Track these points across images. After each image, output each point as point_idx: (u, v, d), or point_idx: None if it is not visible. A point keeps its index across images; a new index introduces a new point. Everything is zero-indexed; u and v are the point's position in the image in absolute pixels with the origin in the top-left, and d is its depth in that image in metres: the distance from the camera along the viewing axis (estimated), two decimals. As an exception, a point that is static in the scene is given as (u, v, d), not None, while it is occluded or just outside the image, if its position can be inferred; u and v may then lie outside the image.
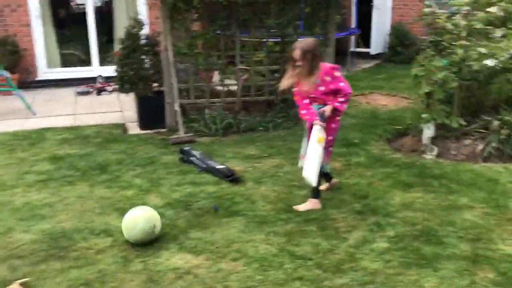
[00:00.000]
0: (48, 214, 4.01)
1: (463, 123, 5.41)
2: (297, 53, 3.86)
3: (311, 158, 4.01)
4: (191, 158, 5.25)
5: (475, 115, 5.74)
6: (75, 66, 10.06)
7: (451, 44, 5.63)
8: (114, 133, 6.45)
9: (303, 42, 4.01)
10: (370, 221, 3.83)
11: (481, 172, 4.79)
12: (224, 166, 4.94)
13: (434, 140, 5.49)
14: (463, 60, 5.48)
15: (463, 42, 5.37)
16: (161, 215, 3.97)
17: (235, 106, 6.79)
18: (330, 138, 4.07)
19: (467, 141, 5.44)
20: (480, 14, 5.40)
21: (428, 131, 5.40)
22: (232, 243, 3.53)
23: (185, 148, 5.44)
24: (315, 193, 4.12)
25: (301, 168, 4.14)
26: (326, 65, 4.02)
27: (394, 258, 3.28)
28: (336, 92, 3.96)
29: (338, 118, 4.08)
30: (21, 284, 3.02)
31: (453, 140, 5.54)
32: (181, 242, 3.54)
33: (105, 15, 10.51)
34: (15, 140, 6.05)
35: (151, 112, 6.64)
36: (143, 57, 6.59)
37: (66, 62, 10.09)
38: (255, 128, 6.55)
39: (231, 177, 4.73)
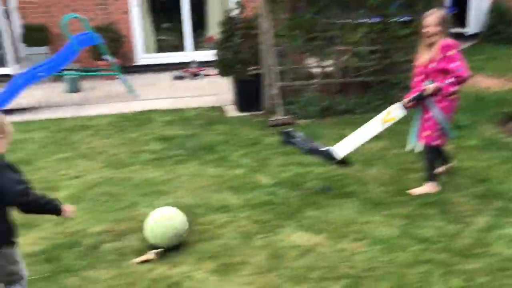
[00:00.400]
0: (167, 190, 4.20)
1: None
2: (428, 20, 3.72)
3: (361, 131, 4.10)
4: (294, 140, 5.23)
5: None
6: (169, 51, 10.41)
7: None
8: (214, 116, 6.61)
9: (436, 11, 3.84)
10: (495, 205, 3.63)
11: None
12: (329, 148, 4.88)
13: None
14: None
15: None
16: (273, 194, 4.03)
17: (333, 88, 6.69)
18: (442, 116, 3.87)
19: None
20: None
21: (550, 113, 5.01)
22: (350, 223, 3.49)
23: (287, 130, 5.43)
24: (432, 176, 3.96)
25: (412, 150, 4.04)
26: (445, 41, 3.81)
27: (529, 246, 3.09)
28: (447, 72, 3.75)
29: (449, 98, 3.83)
30: (156, 253, 3.18)
31: None
32: (298, 221, 3.56)
33: (197, 1, 10.73)
34: (124, 122, 6.39)
35: (248, 95, 6.73)
36: (241, 40, 6.66)
37: (161, 47, 10.47)
38: (353, 110, 6.43)
39: (338, 159, 4.66)
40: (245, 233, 3.42)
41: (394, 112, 3.99)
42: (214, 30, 10.78)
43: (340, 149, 4.13)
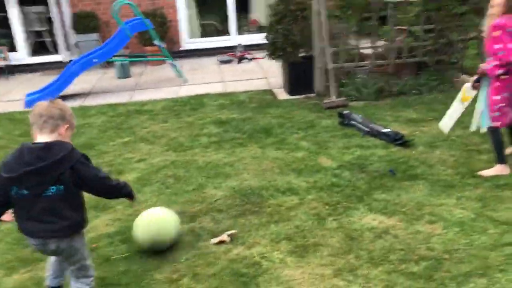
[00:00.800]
0: (231, 172, 4.24)
1: None
2: None
3: (450, 114, 4.18)
4: (352, 122, 5.21)
5: None
6: (213, 35, 10.44)
7: None
8: (266, 99, 6.61)
9: None
10: None
11: None
12: (390, 130, 4.83)
13: None
14: None
15: None
16: (338, 176, 4.02)
17: (388, 69, 6.58)
18: (496, 98, 3.74)
19: None
20: None
21: None
22: (422, 206, 3.45)
23: (344, 112, 5.40)
24: (501, 157, 3.86)
25: (477, 130, 4.01)
26: (495, 21, 3.65)
27: None
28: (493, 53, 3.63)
29: (501, 79, 3.69)
30: (229, 235, 3.23)
31: None
32: (368, 203, 3.54)
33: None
34: (177, 106, 6.47)
35: (299, 78, 6.68)
36: (292, 22, 6.59)
37: (206, 32, 10.51)
38: (407, 91, 6.31)
39: (400, 141, 4.61)
40: (317, 215, 3.43)
41: (468, 92, 3.93)
42: (257, 13, 10.78)
43: (444, 126, 4.41)
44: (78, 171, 2.29)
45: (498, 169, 3.85)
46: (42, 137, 2.31)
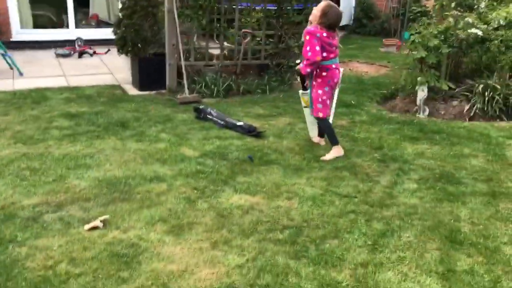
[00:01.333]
0: (92, 163, 4.16)
1: (452, 86, 6.00)
2: (313, 9, 4.31)
3: (308, 122, 4.95)
4: (208, 116, 5.49)
5: (458, 80, 6.38)
6: (47, 28, 9.79)
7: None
8: (116, 93, 6.52)
9: (322, 3, 4.34)
10: (394, 167, 4.31)
11: (472, 128, 5.42)
12: (244, 123, 5.24)
13: (424, 102, 6.06)
14: (448, 29, 6.04)
15: (454, 12, 5.92)
16: (202, 164, 4.25)
17: (235, 69, 7.03)
18: (319, 92, 4.43)
19: (455, 102, 6.06)
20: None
21: (422, 93, 5.95)
22: (279, 185, 3.88)
23: (200, 107, 5.67)
24: (335, 140, 4.52)
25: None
26: (307, 28, 4.33)
27: (426, 195, 3.78)
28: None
29: (321, 76, 4.38)
30: (101, 220, 3.21)
31: (441, 102, 6.14)
32: (233, 186, 3.84)
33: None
34: (17, 99, 5.99)
35: (149, 74, 6.73)
36: (142, 19, 6.63)
37: (39, 23, 9.79)
38: (253, 90, 6.85)
39: (254, 132, 5.04)
40: (187, 199, 3.61)
41: (303, 96, 4.68)
42: (97, 8, 10.43)
43: (312, 135, 4.96)
44: None
45: (335, 151, 4.50)
46: None
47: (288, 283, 2.68)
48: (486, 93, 5.80)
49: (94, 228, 3.16)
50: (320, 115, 4.48)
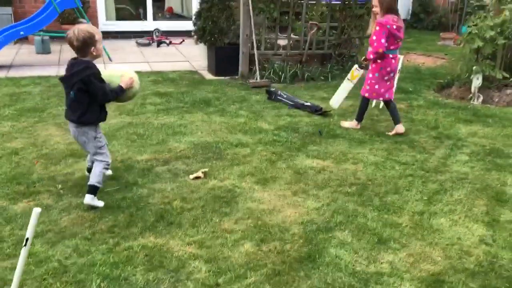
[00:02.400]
0: (187, 131, 4.95)
1: (506, 75, 6.39)
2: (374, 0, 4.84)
3: (338, 91, 5.52)
4: (279, 97, 6.19)
5: (513, 70, 6.73)
6: (127, 20, 10.81)
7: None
8: (195, 78, 7.34)
9: None
10: (448, 143, 4.84)
11: (524, 113, 5.82)
12: (311, 103, 5.90)
13: (479, 89, 6.48)
14: (505, 22, 6.42)
15: (510, 5, 6.30)
16: (277, 135, 4.94)
17: (301, 58, 7.68)
18: (370, 75, 4.99)
19: (508, 91, 6.44)
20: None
21: (477, 81, 6.38)
22: (345, 154, 4.52)
23: (272, 89, 6.37)
24: (359, 116, 5.13)
25: (376, 106, 5.26)
26: (381, 19, 4.87)
27: (477, 165, 4.30)
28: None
29: (378, 62, 4.92)
30: (203, 172, 3.97)
31: (495, 90, 6.54)
32: (305, 152, 4.52)
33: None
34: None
35: (224, 61, 7.51)
36: (220, 11, 7.39)
37: (121, 16, 10.82)
38: (316, 77, 7.48)
39: (321, 111, 5.69)
40: (268, 160, 4.31)
41: (355, 71, 5.21)
42: (172, 2, 11.37)
43: (333, 102, 5.50)
44: (86, 84, 3.24)
45: (352, 123, 5.21)
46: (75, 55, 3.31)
47: (357, 222, 3.33)
48: (540, 82, 6.16)
49: (197, 178, 3.92)
50: (366, 95, 5.08)
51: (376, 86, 5.03)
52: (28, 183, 3.74)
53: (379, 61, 4.91)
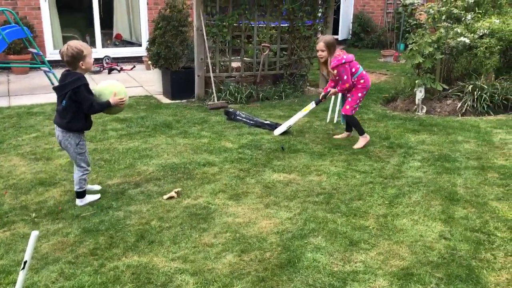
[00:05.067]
0: (153, 154, 5.04)
1: (445, 87, 6.95)
2: (319, 45, 5.22)
3: (293, 117, 5.85)
4: (238, 117, 6.41)
5: (451, 82, 7.33)
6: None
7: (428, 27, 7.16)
8: (152, 102, 7.44)
9: (322, 37, 5.34)
10: (400, 151, 5.22)
11: (464, 121, 6.35)
12: (270, 121, 6.15)
13: (422, 101, 6.99)
14: (440, 38, 7.01)
15: (444, 23, 6.90)
16: (242, 153, 5.14)
17: (255, 79, 7.97)
18: (357, 97, 5.38)
19: (448, 101, 6.99)
20: (458, 2, 6.94)
21: (420, 94, 6.89)
22: (309, 166, 4.77)
23: (230, 110, 6.58)
24: (362, 130, 5.43)
25: (331, 122, 5.61)
26: (336, 59, 5.27)
27: (428, 170, 4.68)
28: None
29: (358, 84, 5.33)
30: (176, 192, 4.09)
31: (437, 101, 7.08)
32: (271, 167, 4.73)
33: (104, 2, 11.24)
34: (69, 108, 6.87)
35: (180, 84, 7.66)
36: (174, 36, 7.57)
37: (69, 44, 10.74)
38: (271, 97, 7.78)
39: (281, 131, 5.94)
40: (237, 176, 4.49)
41: (309, 106, 5.68)
42: (120, 29, 11.42)
43: (281, 127, 5.81)
44: (76, 94, 3.59)
45: (363, 139, 5.41)
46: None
47: (328, 228, 3.56)
48: (475, 93, 6.75)
49: (171, 198, 4.04)
50: (353, 112, 5.39)
51: (359, 104, 5.41)
52: (0, 214, 3.71)
53: (361, 81, 5.28)
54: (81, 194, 3.88)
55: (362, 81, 5.32)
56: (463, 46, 6.94)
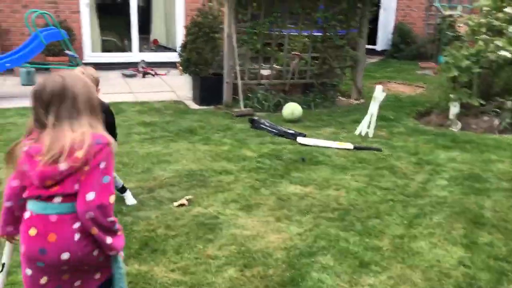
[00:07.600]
0: (171, 160, 5.00)
1: (483, 102, 6.61)
2: None
3: (321, 141, 5.72)
4: (262, 126, 6.30)
5: (490, 98, 6.96)
6: (112, 51, 10.96)
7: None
8: (180, 107, 7.43)
9: None
10: (427, 168, 4.96)
11: (500, 139, 6.00)
12: (294, 131, 6.01)
13: (457, 116, 6.67)
14: (480, 51, 6.68)
15: (484, 36, 6.57)
16: (261, 162, 5.02)
17: (284, 87, 7.85)
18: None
19: (485, 118, 6.64)
20: (499, 14, 6.60)
21: (454, 109, 6.58)
22: (328, 180, 4.60)
23: (255, 118, 6.48)
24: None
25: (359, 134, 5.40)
26: None
27: (455, 190, 4.41)
28: None
29: None
30: (187, 199, 4.02)
31: (472, 117, 6.74)
32: (288, 179, 4.59)
33: (144, 8, 11.42)
34: (98, 110, 6.96)
35: (209, 91, 7.63)
36: (205, 43, 7.55)
37: (106, 47, 10.97)
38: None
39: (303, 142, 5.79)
40: (252, 187, 4.37)
41: (346, 145, 5.55)
42: (157, 34, 11.57)
43: (307, 140, 5.70)
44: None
45: None
46: None
47: (339, 246, 3.38)
48: (515, 109, 6.37)
49: (182, 205, 3.96)
50: None
51: None
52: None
53: None
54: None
55: None
56: (504, 60, 6.58)
